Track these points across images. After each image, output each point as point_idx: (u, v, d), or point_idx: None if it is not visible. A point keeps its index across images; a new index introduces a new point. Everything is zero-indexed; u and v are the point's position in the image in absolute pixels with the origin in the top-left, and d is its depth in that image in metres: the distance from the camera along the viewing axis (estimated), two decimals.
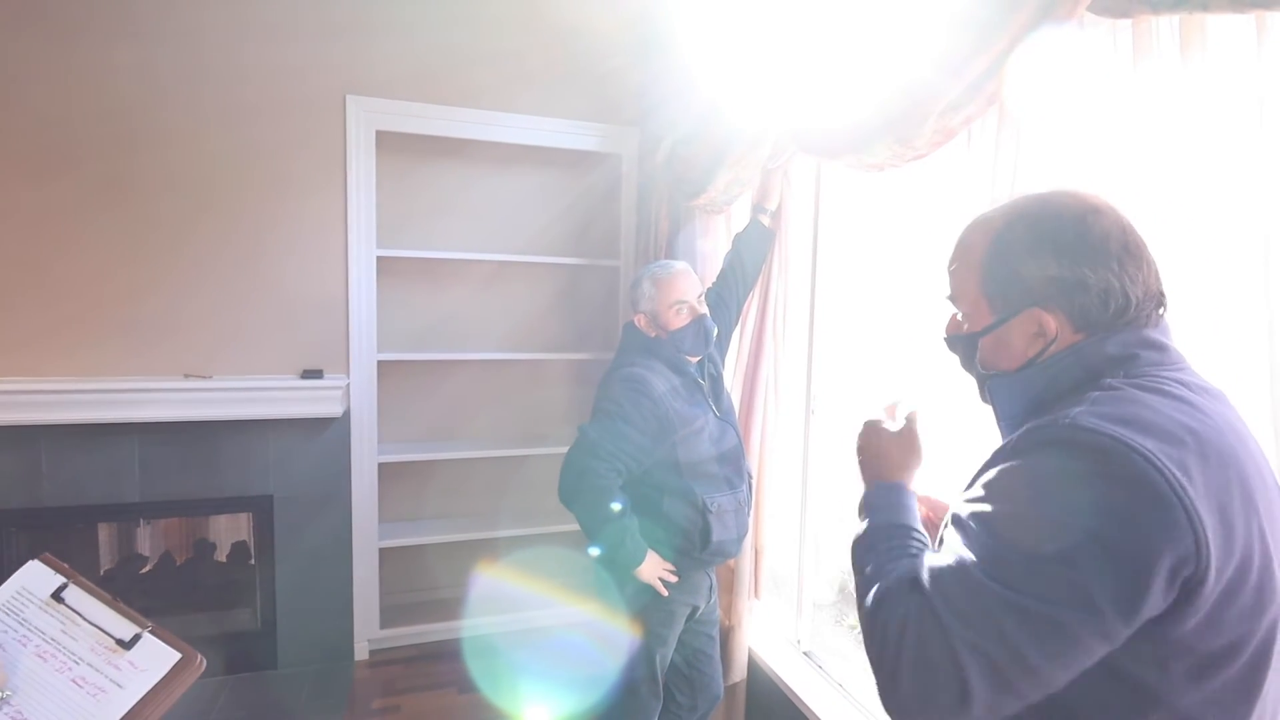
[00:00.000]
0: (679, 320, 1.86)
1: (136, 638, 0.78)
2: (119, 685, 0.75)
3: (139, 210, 2.60)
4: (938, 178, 1.78)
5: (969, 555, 0.73)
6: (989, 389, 0.88)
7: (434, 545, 3.12)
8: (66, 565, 0.82)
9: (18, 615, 0.78)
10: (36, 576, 0.81)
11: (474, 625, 3.12)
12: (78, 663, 0.76)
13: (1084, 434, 0.69)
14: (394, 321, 3.09)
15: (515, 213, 3.24)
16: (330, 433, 2.83)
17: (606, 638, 1.93)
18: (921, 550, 0.84)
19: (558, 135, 3.04)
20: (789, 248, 2.12)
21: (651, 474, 1.83)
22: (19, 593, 0.79)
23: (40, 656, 0.76)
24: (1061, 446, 0.70)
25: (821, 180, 2.08)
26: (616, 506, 1.75)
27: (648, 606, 1.86)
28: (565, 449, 1.81)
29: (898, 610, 0.75)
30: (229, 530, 2.88)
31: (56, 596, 0.79)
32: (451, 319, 3.20)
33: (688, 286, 1.87)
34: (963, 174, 1.43)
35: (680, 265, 1.91)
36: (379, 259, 2.89)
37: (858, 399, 2.21)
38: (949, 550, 0.76)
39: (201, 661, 0.80)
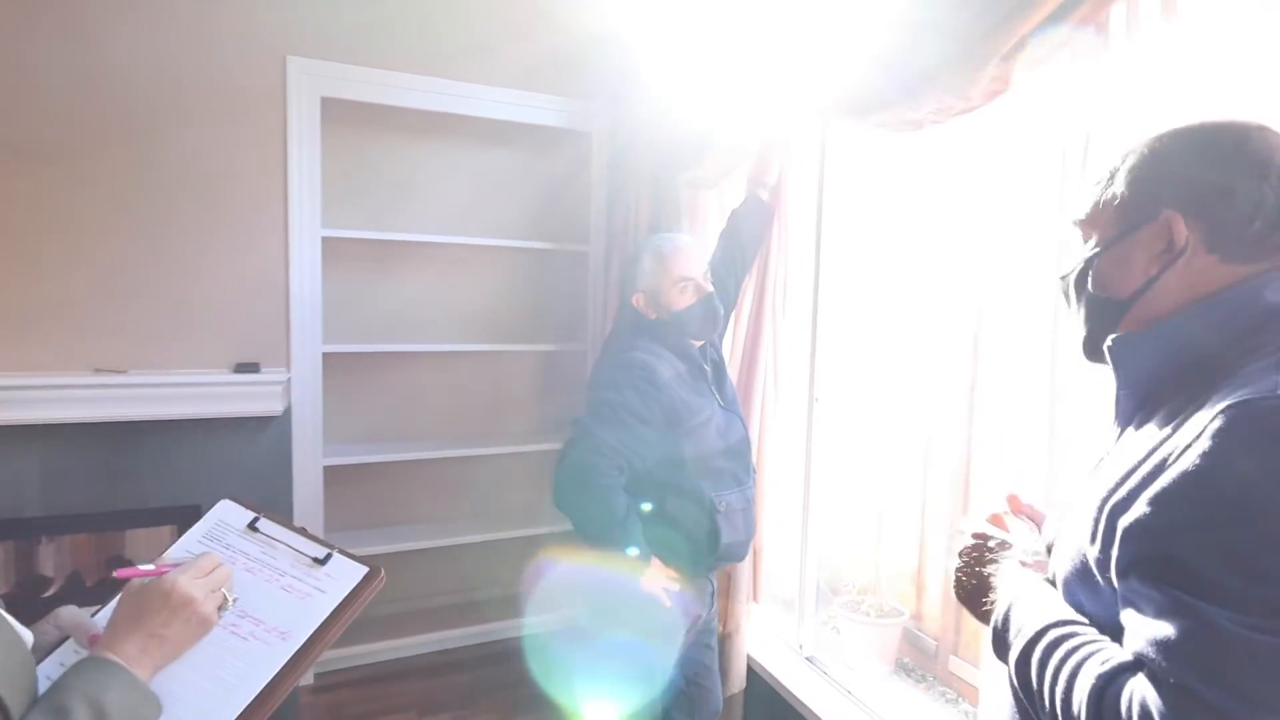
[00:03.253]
0: (684, 300, 1.68)
1: (329, 555, 0.88)
2: (322, 591, 0.85)
3: (37, 180, 2.24)
4: (954, 149, 1.68)
5: (1206, 607, 0.56)
6: (1112, 351, 0.74)
7: (386, 555, 2.84)
8: (255, 502, 0.94)
9: (221, 541, 0.89)
10: (230, 512, 0.93)
11: (435, 640, 2.89)
12: (283, 575, 0.86)
13: None
14: (341, 310, 2.80)
15: (476, 193, 3.00)
16: (269, 433, 2.54)
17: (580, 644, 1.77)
18: (1096, 634, 0.68)
19: (523, 109, 2.83)
20: (789, 224, 1.98)
21: (654, 472, 1.64)
22: (217, 524, 0.91)
23: (249, 571, 0.86)
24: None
25: (826, 151, 1.94)
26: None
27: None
28: (529, 447, 1.61)
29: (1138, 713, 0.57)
30: (151, 546, 2.53)
31: (252, 527, 0.91)
32: (406, 307, 2.94)
33: (693, 262, 1.70)
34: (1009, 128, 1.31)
35: (685, 239, 1.74)
36: (324, 240, 2.62)
37: (866, 387, 2.09)
38: (1158, 608, 0.58)
39: (383, 575, 0.88)
